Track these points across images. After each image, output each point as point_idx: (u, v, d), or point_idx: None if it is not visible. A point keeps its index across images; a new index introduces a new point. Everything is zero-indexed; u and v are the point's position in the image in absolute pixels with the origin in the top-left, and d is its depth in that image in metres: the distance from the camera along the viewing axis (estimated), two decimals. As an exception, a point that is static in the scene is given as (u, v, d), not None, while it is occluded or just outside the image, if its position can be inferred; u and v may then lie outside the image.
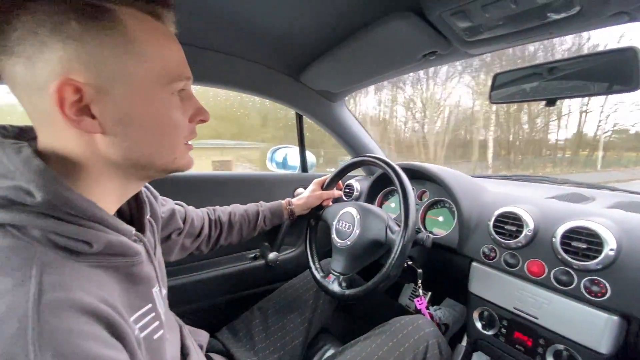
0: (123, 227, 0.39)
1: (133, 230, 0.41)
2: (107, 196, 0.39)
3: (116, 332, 0.32)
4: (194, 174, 1.05)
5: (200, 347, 0.65)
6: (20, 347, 0.24)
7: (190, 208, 0.75)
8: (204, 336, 0.70)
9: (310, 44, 0.84)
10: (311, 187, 0.96)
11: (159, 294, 0.46)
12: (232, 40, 0.82)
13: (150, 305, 0.42)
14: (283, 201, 0.91)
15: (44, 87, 0.31)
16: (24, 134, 0.38)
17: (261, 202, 0.90)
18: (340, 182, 0.99)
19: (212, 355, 0.69)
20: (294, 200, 0.92)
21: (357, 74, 0.92)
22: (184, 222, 0.70)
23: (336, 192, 0.97)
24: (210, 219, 0.78)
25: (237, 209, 0.84)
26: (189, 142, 0.45)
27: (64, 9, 0.31)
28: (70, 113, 0.32)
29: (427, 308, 0.88)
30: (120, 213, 0.47)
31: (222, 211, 0.82)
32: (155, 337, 0.42)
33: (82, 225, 0.33)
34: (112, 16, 0.33)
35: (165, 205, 0.66)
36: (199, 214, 0.76)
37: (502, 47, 0.66)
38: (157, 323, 0.43)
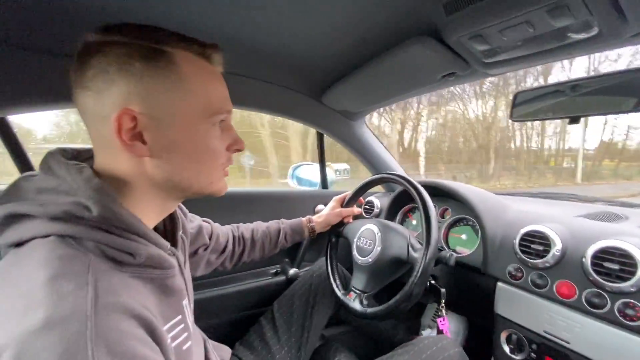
0: (161, 241, 0.43)
1: (168, 244, 0.45)
2: (149, 212, 0.43)
3: (155, 336, 0.35)
4: None
5: None
6: (81, 344, 0.27)
7: (216, 225, 0.79)
8: (226, 351, 0.72)
9: (331, 68, 0.88)
10: (331, 204, 0.98)
11: (189, 305, 0.49)
12: (257, 66, 0.87)
13: (180, 317, 0.45)
14: (304, 218, 0.93)
15: (107, 116, 0.37)
16: (80, 156, 0.43)
17: (282, 219, 0.93)
18: (360, 198, 1.00)
19: None
20: (314, 218, 0.94)
21: (377, 95, 0.95)
22: (210, 238, 0.73)
23: (356, 210, 0.98)
24: (234, 236, 0.81)
25: (259, 226, 0.88)
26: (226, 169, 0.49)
27: (131, 51, 0.37)
28: (126, 138, 0.37)
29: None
30: (156, 229, 0.51)
31: (245, 228, 0.85)
32: (185, 347, 0.44)
33: (128, 239, 0.37)
34: (169, 58, 0.39)
35: (193, 222, 0.70)
36: (223, 231, 0.79)
37: (521, 67, 0.67)
38: (186, 334, 0.45)
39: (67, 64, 0.67)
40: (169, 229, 0.54)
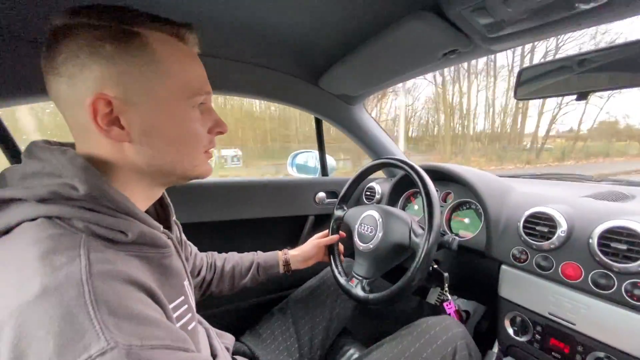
0: (152, 221, 0.43)
1: (161, 227, 0.45)
2: (137, 196, 0.42)
3: (157, 300, 0.36)
4: (216, 180, 1.08)
5: (227, 349, 0.66)
6: (81, 307, 0.28)
7: (195, 249, 0.76)
8: (229, 339, 0.72)
9: (328, 49, 0.85)
10: (311, 239, 0.92)
11: (190, 286, 0.49)
12: (250, 49, 0.84)
13: (183, 298, 0.45)
14: (280, 252, 0.86)
15: (82, 101, 0.36)
16: (64, 146, 0.41)
17: (258, 251, 0.87)
18: (338, 235, 0.94)
19: (238, 358, 0.70)
20: (291, 252, 0.87)
21: (376, 76, 0.92)
22: (190, 257, 0.70)
23: (334, 237, 0.91)
24: (207, 262, 0.77)
25: (232, 256, 0.82)
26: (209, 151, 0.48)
27: (101, 34, 0.35)
28: (102, 123, 0.36)
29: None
30: (148, 213, 0.50)
31: (218, 257, 0.80)
32: (190, 327, 0.45)
33: (118, 217, 0.37)
34: (141, 40, 0.37)
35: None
36: (200, 255, 0.76)
37: (527, 41, 0.64)
38: (190, 315, 0.45)
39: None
40: (161, 215, 0.54)
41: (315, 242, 0.89)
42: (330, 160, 1.39)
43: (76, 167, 0.36)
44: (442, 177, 0.96)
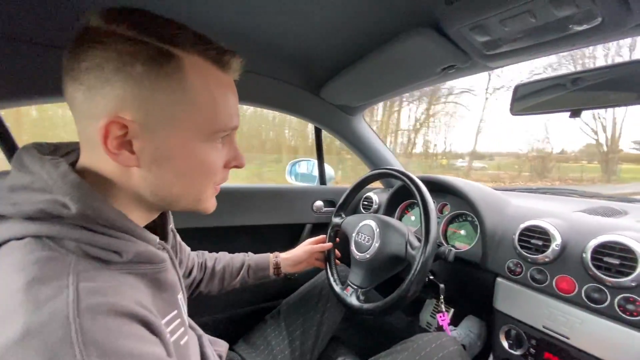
0: (149, 236, 0.40)
1: (157, 238, 0.43)
2: (134, 215, 0.40)
3: (153, 329, 0.33)
4: None
5: (220, 357, 0.65)
6: (67, 350, 0.25)
7: (186, 247, 0.74)
8: (223, 346, 0.71)
9: (329, 61, 0.87)
10: (304, 243, 0.91)
11: (183, 299, 0.48)
12: (254, 59, 0.86)
13: (176, 312, 0.43)
14: (271, 254, 0.86)
15: (96, 117, 0.33)
16: (58, 151, 0.41)
17: (250, 252, 0.86)
18: (336, 239, 0.94)
19: None
20: (283, 255, 0.86)
21: (376, 88, 0.94)
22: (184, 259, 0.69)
23: (326, 245, 0.90)
24: (198, 262, 0.76)
25: (223, 256, 0.81)
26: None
27: (135, 51, 0.32)
28: (112, 146, 0.34)
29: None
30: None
31: (209, 257, 0.79)
32: (182, 342, 0.43)
33: (112, 236, 0.35)
34: (177, 63, 0.34)
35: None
36: (191, 255, 0.74)
37: (523, 59, 0.66)
38: (182, 329, 0.44)
39: (56, 55, 0.66)
40: (158, 222, 0.51)
41: (307, 248, 0.88)
42: (328, 170, 1.41)
43: (68, 184, 0.33)
44: (439, 188, 0.97)
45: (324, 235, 0.94)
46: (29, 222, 0.32)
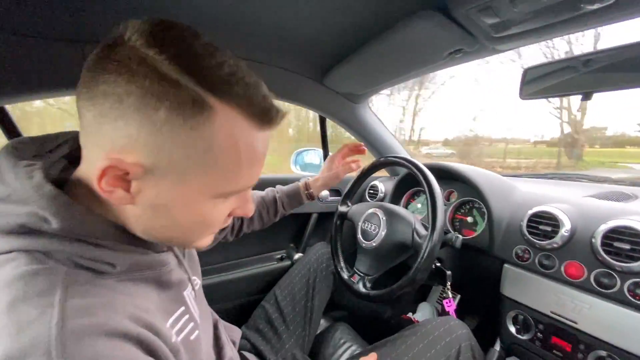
0: (148, 242, 0.38)
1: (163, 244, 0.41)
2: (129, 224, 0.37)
3: (148, 348, 0.31)
4: None
5: (233, 342, 0.67)
6: None
7: None
8: (237, 332, 0.73)
9: (333, 48, 0.85)
10: (326, 164, 0.88)
11: (191, 293, 0.47)
12: (256, 47, 0.84)
13: (183, 308, 0.42)
14: (300, 184, 0.86)
15: (99, 146, 0.30)
16: (45, 146, 0.37)
17: (278, 186, 0.87)
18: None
19: (242, 352, 0.71)
20: (312, 183, 0.86)
21: (381, 75, 0.92)
22: None
23: (354, 166, 0.86)
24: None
25: (254, 196, 0.81)
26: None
27: (164, 92, 0.27)
28: (105, 184, 0.30)
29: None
30: None
31: None
32: (192, 337, 0.42)
33: (104, 247, 0.32)
34: (208, 116, 0.29)
35: None
36: None
37: (532, 41, 0.64)
38: (192, 324, 0.43)
39: (63, 48, 0.65)
40: None
41: (334, 174, 0.85)
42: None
43: (44, 197, 0.30)
44: (445, 175, 0.97)
45: (345, 146, 0.89)
46: (14, 236, 0.30)
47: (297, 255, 1.19)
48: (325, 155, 1.36)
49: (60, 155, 0.37)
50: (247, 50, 0.86)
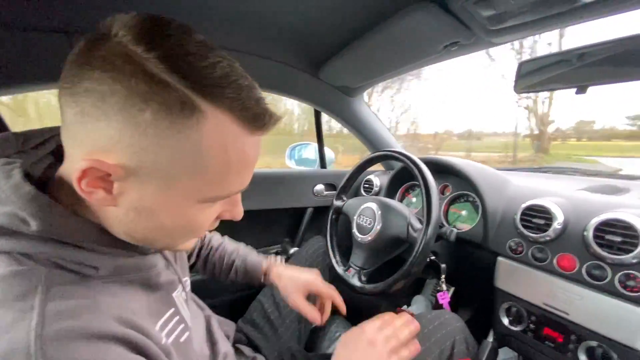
0: (134, 245, 0.36)
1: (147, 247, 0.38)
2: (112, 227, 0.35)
3: (137, 347, 0.31)
4: None
5: (227, 337, 0.67)
6: None
7: None
8: (230, 326, 0.73)
9: (328, 40, 0.84)
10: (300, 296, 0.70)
11: (182, 295, 0.46)
12: (249, 40, 0.83)
13: (173, 309, 0.41)
14: (264, 266, 0.75)
15: (80, 145, 0.29)
16: (29, 141, 0.36)
17: (249, 246, 0.80)
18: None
19: (238, 345, 0.71)
20: (274, 274, 0.73)
21: (376, 68, 0.91)
22: None
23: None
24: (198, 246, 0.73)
25: (223, 247, 0.76)
26: None
27: (149, 92, 0.26)
28: (85, 185, 0.28)
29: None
30: None
31: (212, 240, 0.76)
32: (182, 339, 0.41)
33: (86, 249, 0.31)
34: (197, 119, 0.27)
35: None
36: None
37: (528, 34, 0.64)
38: (182, 326, 0.42)
39: (50, 39, 0.63)
40: None
41: (299, 304, 0.68)
42: (328, 153, 1.40)
43: (22, 198, 0.29)
44: (440, 169, 0.97)
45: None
46: None
47: (292, 250, 1.19)
48: (321, 149, 1.35)
49: (46, 151, 0.36)
50: (241, 43, 0.84)
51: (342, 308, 0.72)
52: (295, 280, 0.70)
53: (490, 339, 0.79)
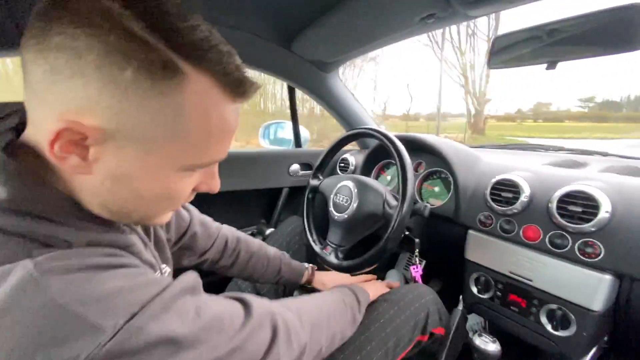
0: (108, 222, 0.34)
1: (121, 222, 0.37)
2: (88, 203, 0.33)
3: (133, 265, 0.31)
4: None
5: None
6: (50, 310, 0.24)
7: (202, 220, 0.68)
8: None
9: (301, 10, 0.79)
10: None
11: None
12: (216, 8, 0.76)
13: None
14: (307, 270, 0.81)
15: (51, 108, 0.26)
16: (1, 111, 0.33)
17: (284, 253, 0.81)
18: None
19: None
20: (317, 278, 0.82)
21: (351, 41, 0.88)
22: (185, 233, 0.63)
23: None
24: (226, 247, 0.71)
25: (248, 244, 0.75)
26: None
27: (130, 50, 0.25)
28: (59, 149, 0.27)
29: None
30: None
31: (244, 247, 0.74)
32: None
33: (59, 223, 0.29)
34: (179, 81, 0.27)
35: None
36: (212, 232, 0.69)
37: (505, 7, 0.63)
38: None
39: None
40: None
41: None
42: (303, 132, 1.36)
43: None
44: (414, 147, 0.98)
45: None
46: None
47: (268, 231, 1.17)
48: (296, 128, 1.31)
49: (6, 127, 0.32)
50: (208, 12, 0.77)
51: None
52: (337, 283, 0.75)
53: (460, 307, 0.84)
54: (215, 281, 1.03)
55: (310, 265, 0.84)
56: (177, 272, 0.40)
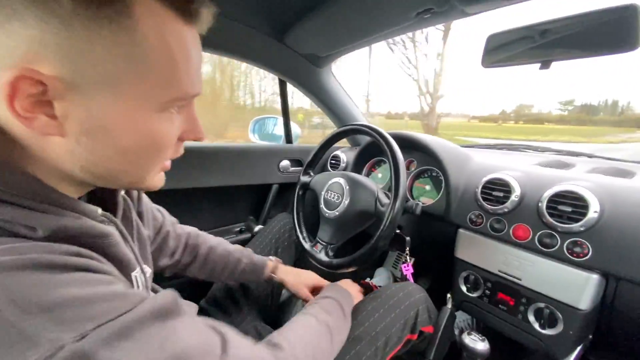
0: (82, 207, 0.32)
1: (98, 210, 0.35)
2: (61, 185, 0.32)
3: (100, 269, 0.29)
4: None
5: None
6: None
7: (171, 220, 0.67)
8: (192, 307, 0.68)
9: (295, 2, 0.77)
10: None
11: (141, 276, 0.42)
12: None
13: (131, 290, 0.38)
14: (271, 263, 0.78)
15: None
16: None
17: (249, 249, 0.79)
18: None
19: None
20: (281, 271, 0.78)
21: (345, 35, 0.86)
22: (158, 233, 0.63)
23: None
24: (186, 244, 0.70)
25: (220, 245, 0.75)
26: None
27: None
28: (21, 108, 0.25)
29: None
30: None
31: (203, 241, 0.73)
32: None
33: (22, 206, 0.27)
34: (124, 5, 0.25)
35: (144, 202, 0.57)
36: (177, 232, 0.68)
37: (502, 4, 0.62)
38: None
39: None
40: (105, 189, 0.41)
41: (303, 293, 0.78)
42: (294, 128, 1.34)
43: None
44: (406, 145, 0.97)
45: None
46: None
47: (257, 227, 1.15)
48: (287, 123, 1.29)
49: None
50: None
51: None
52: (302, 277, 0.79)
53: (449, 305, 0.84)
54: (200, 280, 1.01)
55: (275, 258, 0.82)
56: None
